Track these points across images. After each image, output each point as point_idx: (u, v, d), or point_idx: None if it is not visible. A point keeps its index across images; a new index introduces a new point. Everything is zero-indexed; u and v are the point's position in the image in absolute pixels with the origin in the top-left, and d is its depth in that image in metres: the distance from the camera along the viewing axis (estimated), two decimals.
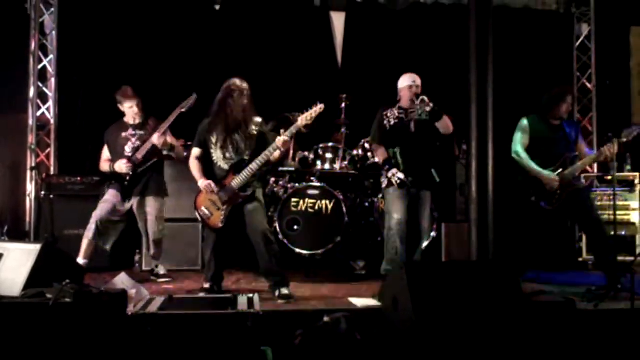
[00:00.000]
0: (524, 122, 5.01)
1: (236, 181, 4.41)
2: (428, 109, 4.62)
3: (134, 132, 5.15)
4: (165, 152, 5.14)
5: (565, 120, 5.02)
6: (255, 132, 4.50)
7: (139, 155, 5.05)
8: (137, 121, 5.18)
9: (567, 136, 4.96)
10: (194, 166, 4.55)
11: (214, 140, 4.49)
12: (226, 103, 4.44)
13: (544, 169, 4.86)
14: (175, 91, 6.40)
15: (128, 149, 5.11)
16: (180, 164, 5.82)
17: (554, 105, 4.94)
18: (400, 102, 4.92)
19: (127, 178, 5.05)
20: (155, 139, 4.99)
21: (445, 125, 4.73)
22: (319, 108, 4.45)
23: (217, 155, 4.49)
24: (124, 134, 5.15)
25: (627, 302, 3.89)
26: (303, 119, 4.42)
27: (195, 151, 4.58)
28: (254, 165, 4.39)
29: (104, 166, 5.22)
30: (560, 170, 4.85)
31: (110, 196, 5.08)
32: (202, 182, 4.47)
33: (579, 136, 5.09)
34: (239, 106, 4.42)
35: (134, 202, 5.12)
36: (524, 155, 4.93)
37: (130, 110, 5.13)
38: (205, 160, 4.55)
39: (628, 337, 3.68)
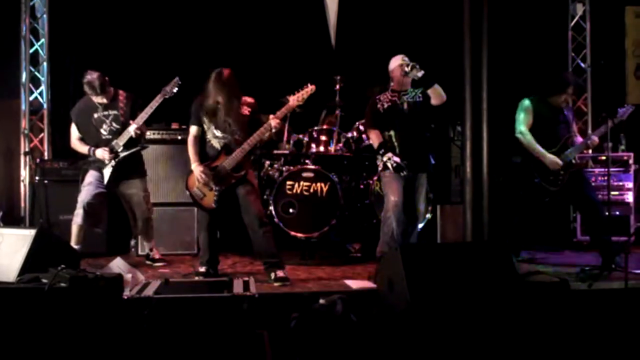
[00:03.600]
0: (526, 102, 5.00)
1: (228, 161, 4.40)
2: (420, 74, 4.54)
3: (106, 112, 4.99)
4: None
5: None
6: (247, 114, 4.49)
7: (120, 142, 4.92)
8: (106, 100, 5.01)
9: (566, 118, 5.00)
10: (191, 147, 4.52)
11: (206, 119, 4.47)
12: (211, 89, 4.41)
13: (546, 150, 4.88)
14: (166, 75, 6.35)
15: (104, 132, 4.98)
16: (175, 147, 5.81)
17: (553, 92, 4.95)
18: (392, 85, 4.89)
19: (110, 166, 4.96)
20: (132, 130, 4.87)
21: (437, 93, 4.59)
22: (310, 89, 4.51)
23: (210, 133, 4.48)
24: (96, 115, 4.99)
25: (620, 282, 3.92)
26: (294, 100, 4.49)
27: (193, 129, 4.54)
28: (245, 146, 4.39)
29: (78, 146, 5.08)
30: (561, 151, 4.88)
31: (92, 177, 4.98)
32: (196, 168, 4.45)
33: (573, 119, 5.15)
34: (222, 93, 4.39)
35: (119, 185, 5.04)
36: (528, 135, 4.92)
37: (101, 101, 4.99)
38: (201, 139, 4.54)
39: (621, 316, 3.71)
